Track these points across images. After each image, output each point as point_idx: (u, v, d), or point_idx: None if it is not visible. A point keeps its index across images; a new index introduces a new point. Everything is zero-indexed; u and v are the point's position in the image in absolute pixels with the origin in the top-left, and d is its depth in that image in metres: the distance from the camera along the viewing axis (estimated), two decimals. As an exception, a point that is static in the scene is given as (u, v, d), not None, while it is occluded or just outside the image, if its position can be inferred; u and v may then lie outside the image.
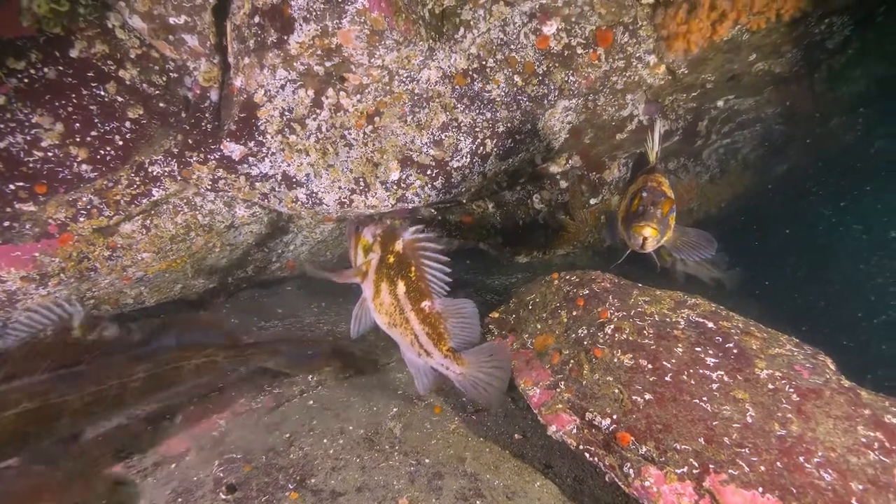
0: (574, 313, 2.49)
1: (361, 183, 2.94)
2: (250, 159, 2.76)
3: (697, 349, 2.10)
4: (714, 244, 2.29)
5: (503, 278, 5.15)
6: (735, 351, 2.08)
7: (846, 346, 5.45)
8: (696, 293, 2.48)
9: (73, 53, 2.48)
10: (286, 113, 2.67)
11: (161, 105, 2.68)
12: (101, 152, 2.59)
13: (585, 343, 2.28)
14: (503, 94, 2.96)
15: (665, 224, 2.12)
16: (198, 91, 2.70)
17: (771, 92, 3.81)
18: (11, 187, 2.47)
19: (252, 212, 3.08)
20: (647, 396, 1.97)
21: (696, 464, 1.75)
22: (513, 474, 2.15)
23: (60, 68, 2.46)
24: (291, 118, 2.69)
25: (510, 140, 3.13)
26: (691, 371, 2.02)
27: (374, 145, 2.88)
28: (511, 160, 3.29)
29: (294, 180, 2.86)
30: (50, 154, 2.50)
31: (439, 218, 3.96)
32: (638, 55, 3.03)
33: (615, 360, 2.14)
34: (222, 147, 2.71)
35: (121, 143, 2.62)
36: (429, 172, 3.03)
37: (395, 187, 3.01)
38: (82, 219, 2.63)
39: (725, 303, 2.45)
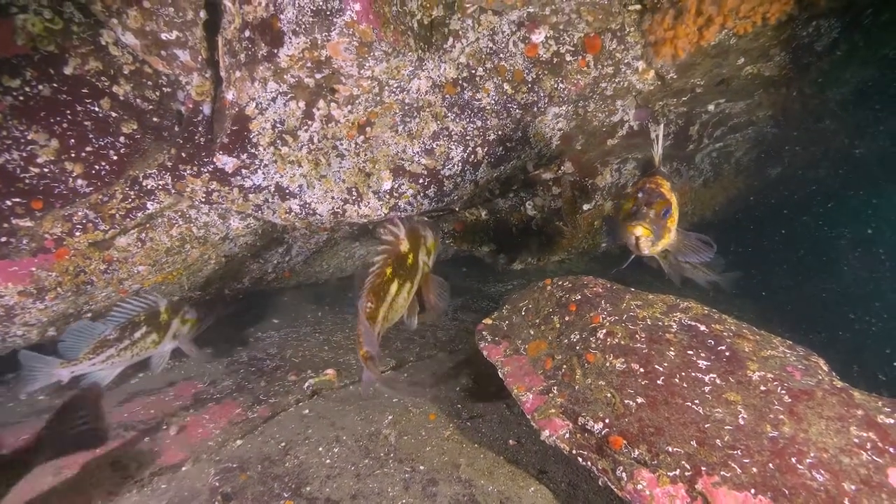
0: (567, 318, 2.49)
1: (354, 193, 2.97)
2: (243, 171, 2.78)
3: (689, 352, 2.10)
4: (713, 247, 2.28)
5: (499, 286, 5.17)
6: (727, 353, 2.08)
7: (844, 346, 5.44)
8: (694, 296, 2.48)
9: (68, 70, 2.51)
10: (278, 125, 2.70)
11: (155, 119, 2.72)
12: (96, 167, 2.62)
13: (578, 348, 2.28)
14: (493, 103, 2.99)
15: (660, 225, 2.10)
16: (190, 105, 2.73)
17: (761, 95, 3.83)
18: (8, 203, 2.49)
19: (246, 223, 3.10)
20: (640, 400, 1.97)
21: (689, 466, 1.75)
22: (507, 480, 2.15)
23: (55, 85, 2.49)
24: (283, 130, 2.72)
25: (501, 148, 3.16)
26: (683, 374, 2.02)
27: (366, 155, 2.91)
28: (503, 167, 3.31)
29: (287, 191, 2.88)
30: (46, 170, 2.53)
31: (434, 226, 3.97)
32: (626, 61, 3.06)
33: (607, 365, 2.14)
34: (215, 160, 2.74)
35: (115, 158, 2.65)
36: (421, 181, 3.05)
37: (388, 196, 3.03)
38: (78, 233, 2.65)
39: (721, 306, 2.46)
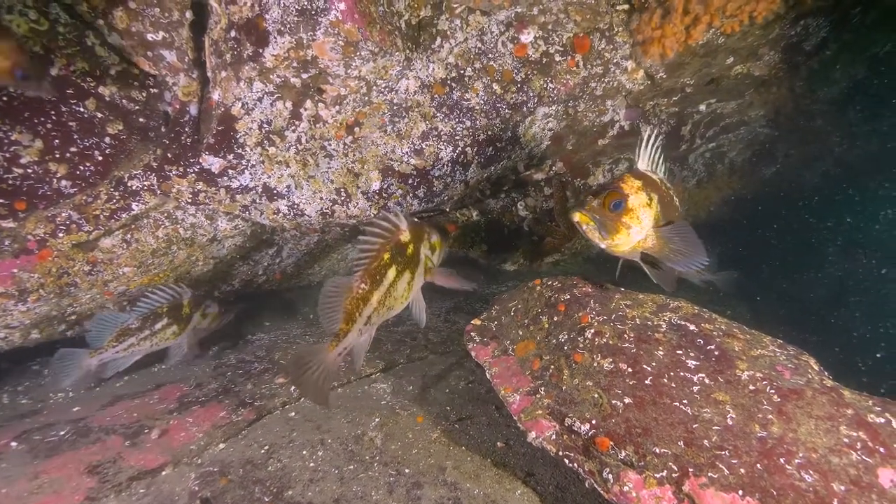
0: (555, 318, 2.47)
1: (343, 193, 2.95)
2: (230, 172, 2.76)
3: (679, 352, 2.07)
4: (702, 250, 2.13)
5: (493, 287, 5.14)
6: (717, 353, 2.05)
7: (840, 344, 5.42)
8: (689, 296, 2.44)
9: (53, 71, 2.49)
10: (265, 125, 2.68)
11: (141, 120, 2.70)
12: (81, 168, 2.60)
13: (566, 348, 2.25)
14: (482, 103, 2.97)
15: (607, 217, 2.01)
16: (177, 106, 2.72)
17: (752, 95, 3.82)
18: (-9, 204, 2.47)
19: (234, 224, 3.08)
20: (627, 400, 1.94)
21: (676, 467, 1.72)
22: (494, 483, 2.11)
23: (39, 86, 2.47)
24: (270, 130, 2.70)
25: (491, 148, 3.14)
26: (672, 374, 1.99)
27: (355, 156, 2.89)
28: (493, 168, 3.29)
29: (275, 192, 2.86)
30: (29, 171, 2.51)
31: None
32: (615, 61, 3.05)
33: (595, 365, 2.11)
34: (201, 160, 2.72)
35: (100, 159, 2.63)
36: (410, 181, 3.03)
37: (377, 197, 3.01)
38: (61, 234, 2.63)
39: (716, 306, 2.43)
